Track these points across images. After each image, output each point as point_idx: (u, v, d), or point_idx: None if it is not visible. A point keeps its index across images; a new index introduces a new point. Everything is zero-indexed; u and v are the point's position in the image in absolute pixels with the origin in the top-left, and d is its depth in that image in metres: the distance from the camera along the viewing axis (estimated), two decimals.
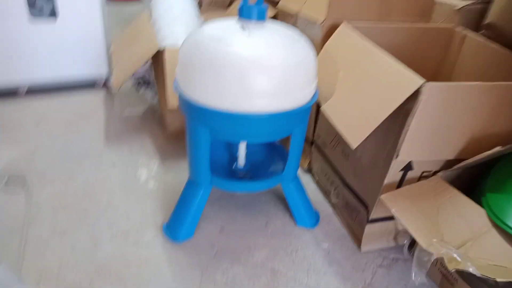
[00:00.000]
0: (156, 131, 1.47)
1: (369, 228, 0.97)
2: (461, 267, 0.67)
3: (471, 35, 1.07)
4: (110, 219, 1.04)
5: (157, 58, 1.33)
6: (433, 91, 0.75)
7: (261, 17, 0.85)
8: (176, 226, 1.00)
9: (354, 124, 0.85)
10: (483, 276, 0.65)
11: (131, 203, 1.10)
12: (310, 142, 1.25)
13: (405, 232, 1.01)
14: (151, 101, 1.66)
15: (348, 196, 1.06)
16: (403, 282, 0.92)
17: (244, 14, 0.85)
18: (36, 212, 1.04)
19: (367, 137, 0.93)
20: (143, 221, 1.04)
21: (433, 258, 0.74)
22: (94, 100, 1.67)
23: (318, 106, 1.18)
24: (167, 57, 1.22)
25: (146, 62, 1.49)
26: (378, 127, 0.85)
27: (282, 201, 1.15)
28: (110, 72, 1.73)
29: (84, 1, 1.56)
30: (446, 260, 0.70)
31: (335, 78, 0.97)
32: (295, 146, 0.96)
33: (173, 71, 1.20)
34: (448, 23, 1.15)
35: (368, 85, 0.87)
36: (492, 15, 1.07)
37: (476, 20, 1.16)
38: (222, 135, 0.88)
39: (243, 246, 0.99)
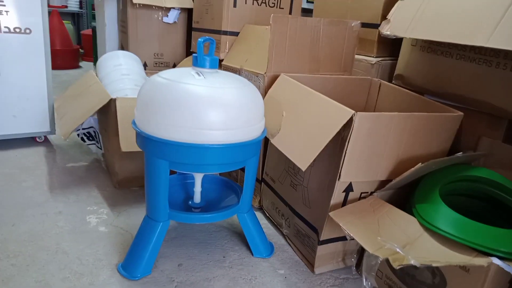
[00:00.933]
0: (103, 181, 1.46)
1: (320, 250, 1.05)
2: (404, 262, 0.77)
3: (385, 83, 1.30)
4: (61, 264, 0.99)
5: (105, 110, 1.38)
6: (362, 119, 0.90)
7: (213, 65, 0.98)
8: (133, 263, 0.98)
9: (302, 151, 0.97)
10: (422, 265, 0.76)
11: (82, 247, 1.07)
12: (259, 181, 1.34)
13: (352, 253, 1.10)
14: (96, 154, 1.66)
15: (299, 224, 1.14)
16: None
17: (198, 63, 0.97)
18: None
19: (313, 165, 1.06)
20: (96, 263, 1.01)
21: (379, 261, 0.83)
22: (35, 154, 1.62)
23: (265, 148, 1.30)
24: (118, 105, 1.28)
25: (94, 113, 1.52)
26: (321, 155, 0.98)
27: (237, 236, 1.20)
28: (52, 128, 1.72)
29: (28, 62, 1.59)
30: (391, 260, 0.80)
31: (280, 117, 1.10)
32: (249, 177, 1.04)
33: (124, 118, 1.27)
34: (366, 76, 1.39)
35: (309, 119, 1.01)
36: (399, 69, 1.32)
37: (388, 72, 1.41)
38: (181, 166, 0.94)
39: (202, 279, 1.00)
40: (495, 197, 0.98)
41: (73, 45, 3.60)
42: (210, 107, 0.88)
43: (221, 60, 1.54)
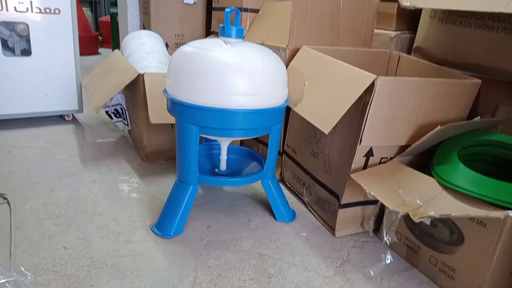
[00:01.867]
0: (131, 155, 1.53)
1: (341, 214, 1.10)
2: (424, 214, 0.82)
3: (404, 55, 1.33)
4: (99, 224, 1.07)
5: (133, 86, 1.44)
6: (384, 83, 0.94)
7: (239, 35, 1.03)
8: (166, 223, 1.05)
9: (324, 115, 1.01)
10: (441, 216, 0.80)
11: (117, 210, 1.14)
12: (280, 153, 1.40)
13: (369, 218, 1.15)
14: (123, 131, 1.73)
15: (320, 191, 1.19)
16: (375, 257, 1.04)
17: (225, 33, 1.02)
18: (22, 220, 1.05)
19: (334, 132, 1.11)
20: (131, 224, 1.08)
21: (400, 216, 0.88)
22: (65, 131, 1.70)
23: (285, 122, 1.35)
24: (146, 80, 1.34)
25: (122, 90, 1.59)
26: (343, 121, 1.03)
27: (261, 203, 1.25)
28: (80, 107, 1.80)
29: (57, 41, 1.66)
30: (411, 214, 0.84)
31: (302, 86, 1.14)
32: (272, 144, 1.10)
33: (152, 92, 1.33)
34: (385, 49, 1.41)
35: (331, 86, 1.05)
36: (418, 41, 1.34)
37: (407, 46, 1.43)
38: (210, 131, 1.00)
39: (230, 238, 1.06)
40: (511, 161, 1.01)
41: (92, 32, 3.69)
42: (237, 74, 0.94)
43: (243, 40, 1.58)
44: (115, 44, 3.59)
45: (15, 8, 1.53)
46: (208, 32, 1.99)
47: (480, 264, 0.86)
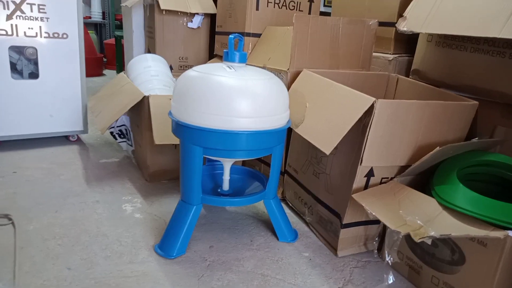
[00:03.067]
0: (135, 175, 1.55)
1: (343, 234, 1.11)
2: (425, 234, 0.83)
3: (402, 78, 1.36)
4: (102, 244, 1.08)
5: (138, 108, 1.48)
6: (383, 105, 0.97)
7: (242, 60, 1.06)
8: (169, 244, 1.06)
9: (326, 136, 1.03)
10: (442, 236, 0.81)
11: (120, 231, 1.15)
12: (282, 173, 1.41)
13: (373, 238, 1.16)
14: (126, 151, 1.75)
15: (321, 211, 1.20)
16: (377, 277, 1.04)
17: (229, 58, 1.05)
18: (26, 241, 1.06)
19: (335, 153, 1.13)
20: (134, 244, 1.09)
21: (401, 236, 0.88)
22: (69, 152, 1.73)
23: (287, 142, 1.37)
24: (151, 102, 1.37)
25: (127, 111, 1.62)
26: (343, 142, 1.05)
27: (263, 223, 1.26)
28: (85, 127, 1.83)
29: (64, 64, 1.70)
30: (412, 235, 0.85)
31: (303, 108, 1.17)
32: (275, 164, 1.11)
33: (157, 113, 1.36)
34: (384, 72, 1.45)
35: (332, 108, 1.08)
36: (415, 64, 1.38)
37: (405, 68, 1.47)
38: (214, 152, 1.02)
39: (232, 259, 1.06)
40: (510, 181, 1.03)
41: (97, 54, 3.77)
42: (241, 97, 0.96)
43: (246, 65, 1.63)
44: (119, 65, 3.66)
45: (25, 33, 1.58)
46: (211, 55, 2.04)
47: (482, 284, 0.86)
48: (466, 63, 1.21)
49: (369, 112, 0.98)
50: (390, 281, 0.99)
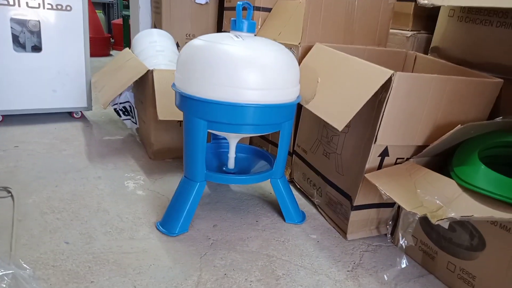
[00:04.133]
0: (138, 153, 1.50)
1: (353, 216, 1.05)
2: (443, 215, 0.77)
3: (421, 55, 1.29)
4: (102, 220, 1.04)
5: (142, 83, 1.42)
6: (401, 79, 0.90)
7: (251, 29, 1.00)
8: (172, 221, 1.02)
9: (338, 112, 0.97)
10: (462, 218, 0.75)
11: (122, 207, 1.11)
12: (290, 153, 1.36)
13: (386, 221, 1.10)
14: (131, 129, 1.71)
15: (331, 193, 1.14)
16: (389, 262, 0.99)
17: (237, 26, 0.99)
18: (25, 214, 1.02)
19: (347, 131, 1.07)
20: (136, 221, 1.05)
21: (417, 218, 0.83)
22: (72, 128, 1.69)
23: (296, 121, 1.31)
24: (155, 76, 1.32)
25: (131, 86, 1.57)
26: (356, 120, 0.99)
27: (269, 204, 1.21)
28: (89, 104, 1.78)
29: (68, 38, 1.65)
30: (429, 216, 0.79)
31: (315, 84, 1.11)
32: (283, 142, 1.06)
33: (161, 88, 1.31)
34: (401, 49, 1.37)
35: (346, 82, 1.01)
36: (435, 41, 1.30)
37: (424, 46, 1.39)
38: (218, 126, 0.96)
39: (237, 238, 1.02)
40: None
41: (104, 34, 3.71)
42: (248, 67, 0.90)
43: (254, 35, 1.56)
44: (127, 46, 3.60)
45: (27, 3, 1.53)
46: (220, 32, 1.97)
47: (503, 272, 0.81)
48: (491, 39, 1.13)
49: (386, 86, 0.91)
50: (403, 265, 0.94)
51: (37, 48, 1.63)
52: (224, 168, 1.16)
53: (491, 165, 1.00)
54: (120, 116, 1.65)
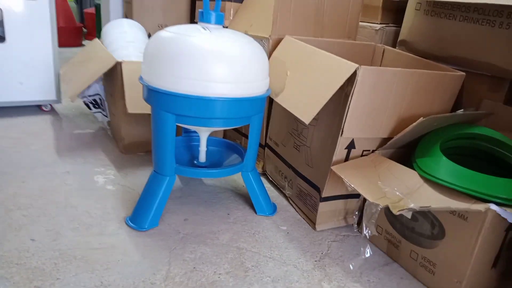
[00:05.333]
0: (109, 147, 1.48)
1: (322, 207, 1.08)
2: (404, 206, 0.80)
3: (389, 48, 1.31)
4: (70, 216, 1.02)
5: (111, 75, 1.40)
6: (366, 73, 0.92)
7: (219, 21, 0.99)
8: (141, 215, 1.01)
9: (306, 105, 0.98)
10: (421, 209, 0.78)
11: (91, 202, 1.10)
12: (262, 146, 1.37)
13: (353, 212, 1.13)
14: (102, 122, 1.68)
15: (301, 185, 1.16)
16: (355, 252, 1.02)
17: (204, 18, 0.98)
18: None
19: (316, 125, 1.08)
20: (104, 216, 1.04)
21: (379, 208, 0.85)
22: (41, 122, 1.65)
23: (268, 114, 1.32)
24: (124, 68, 1.30)
25: (100, 79, 1.54)
26: (324, 113, 1.01)
27: (241, 197, 1.22)
28: (58, 97, 1.74)
29: (34, 29, 1.60)
30: (391, 207, 0.82)
31: (284, 76, 1.12)
32: (253, 135, 1.06)
33: (130, 81, 1.29)
34: (370, 42, 1.39)
35: (313, 76, 1.03)
36: (403, 34, 1.32)
37: (392, 39, 1.41)
38: (187, 120, 0.96)
39: (207, 232, 1.03)
40: (494, 155, 1.00)
41: (76, 23, 3.60)
42: (216, 60, 0.90)
43: (225, 27, 1.55)
44: (99, 36, 3.52)
45: None
46: (193, 23, 1.95)
47: (461, 259, 0.84)
48: (455, 33, 1.16)
49: (351, 80, 0.93)
50: (367, 255, 0.97)
51: (0, 38, 1.57)
52: (195, 162, 1.16)
53: (454, 156, 1.04)
54: (90, 109, 1.62)
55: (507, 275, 0.92)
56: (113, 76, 1.38)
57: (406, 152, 1.05)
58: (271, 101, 1.29)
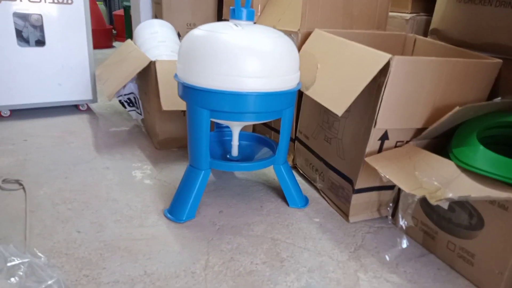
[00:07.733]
0: (144, 143, 1.53)
1: (355, 199, 1.08)
2: (442, 196, 0.79)
3: (420, 38, 1.29)
4: (112, 209, 1.07)
5: (145, 74, 1.44)
6: (399, 63, 0.91)
7: (250, 17, 1.01)
8: (179, 208, 1.05)
9: (337, 97, 0.99)
10: (460, 198, 0.78)
11: (130, 196, 1.14)
12: (292, 140, 1.38)
13: (387, 203, 1.13)
14: (136, 120, 1.74)
15: (333, 177, 1.17)
16: (390, 243, 1.02)
17: (236, 15, 1.00)
18: (37, 205, 1.06)
19: (347, 116, 1.08)
20: (144, 209, 1.09)
21: (416, 199, 0.85)
22: (79, 121, 1.72)
23: (298, 108, 1.32)
24: (158, 67, 1.34)
25: (134, 78, 1.59)
26: (356, 104, 1.00)
27: (273, 190, 1.24)
28: (94, 97, 1.81)
29: (70, 31, 1.67)
30: (428, 197, 0.82)
31: (314, 70, 1.12)
32: (285, 128, 1.08)
33: (164, 79, 1.32)
34: (401, 32, 1.37)
35: (345, 68, 1.03)
36: (434, 23, 1.30)
37: (423, 29, 1.39)
38: (221, 114, 0.98)
39: (242, 223, 1.05)
40: None
41: (106, 25, 3.72)
42: (248, 56, 0.92)
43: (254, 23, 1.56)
44: (129, 37, 3.61)
45: None
46: (220, 20, 1.98)
47: (502, 249, 0.83)
48: (491, 19, 1.13)
49: (384, 70, 0.92)
50: (404, 246, 0.97)
51: (40, 42, 1.65)
52: (228, 156, 1.18)
53: (491, 145, 1.02)
54: (125, 107, 1.68)
55: None
56: (147, 75, 1.42)
57: (441, 142, 1.03)
58: (300, 94, 1.29)
